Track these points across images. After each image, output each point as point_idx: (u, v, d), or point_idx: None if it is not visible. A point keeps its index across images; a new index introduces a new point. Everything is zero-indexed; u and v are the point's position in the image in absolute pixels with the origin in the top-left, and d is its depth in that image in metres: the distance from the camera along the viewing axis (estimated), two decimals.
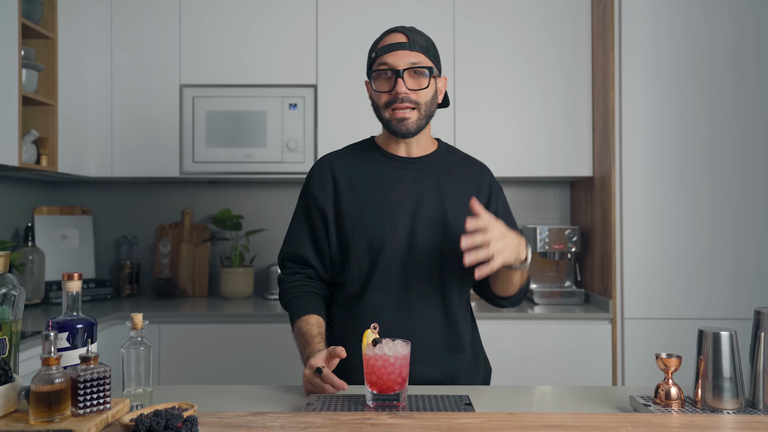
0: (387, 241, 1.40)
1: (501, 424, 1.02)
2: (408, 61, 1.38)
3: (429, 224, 1.42)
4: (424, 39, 1.43)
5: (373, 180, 1.45)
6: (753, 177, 2.43)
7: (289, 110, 2.73)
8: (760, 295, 2.40)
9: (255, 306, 2.68)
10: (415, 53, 1.39)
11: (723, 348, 1.12)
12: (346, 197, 1.45)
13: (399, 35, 1.41)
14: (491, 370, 1.57)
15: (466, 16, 2.73)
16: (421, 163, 1.47)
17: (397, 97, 1.38)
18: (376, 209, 1.42)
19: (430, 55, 1.42)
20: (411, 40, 1.40)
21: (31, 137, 2.41)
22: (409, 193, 1.44)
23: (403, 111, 1.39)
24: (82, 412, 0.99)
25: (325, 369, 1.23)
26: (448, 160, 1.50)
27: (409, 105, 1.39)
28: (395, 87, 1.38)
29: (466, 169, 1.51)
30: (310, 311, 1.44)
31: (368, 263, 1.42)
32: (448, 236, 1.42)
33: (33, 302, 2.59)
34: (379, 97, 1.42)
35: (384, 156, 1.48)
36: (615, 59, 2.48)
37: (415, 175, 1.45)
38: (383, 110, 1.42)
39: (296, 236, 1.51)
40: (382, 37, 1.44)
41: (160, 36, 2.76)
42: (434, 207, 1.43)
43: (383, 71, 1.40)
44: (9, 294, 1.09)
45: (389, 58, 1.39)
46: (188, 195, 3.12)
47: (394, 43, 1.40)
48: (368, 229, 1.42)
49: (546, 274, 2.84)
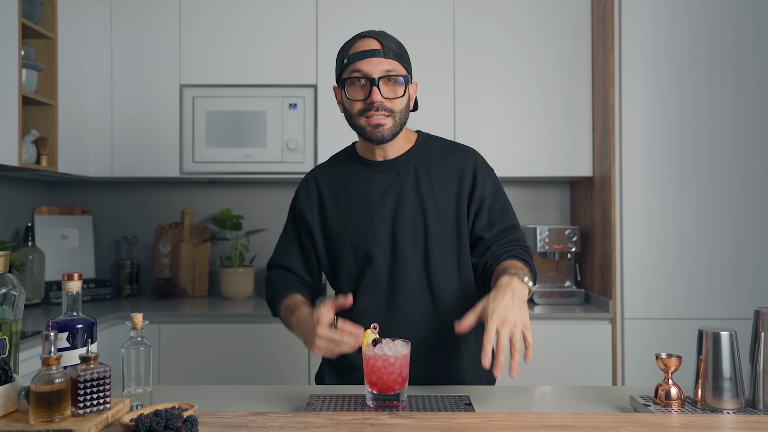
0: (371, 248, 1.41)
1: (501, 424, 1.02)
2: (383, 68, 1.35)
3: (410, 225, 1.41)
4: (396, 44, 1.40)
5: (353, 189, 1.46)
6: (753, 177, 2.43)
7: (289, 110, 2.73)
8: (760, 295, 2.40)
9: (255, 306, 2.68)
10: (389, 60, 1.36)
11: (723, 348, 1.12)
12: (330, 209, 1.47)
13: (371, 41, 1.37)
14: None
15: (466, 16, 2.73)
16: (397, 163, 1.45)
17: (372, 105, 1.36)
18: (357, 218, 1.43)
19: (404, 62, 1.40)
20: (385, 47, 1.36)
21: (31, 137, 2.41)
22: (387, 197, 1.43)
23: (377, 117, 1.36)
24: (82, 412, 0.99)
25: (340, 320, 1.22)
26: (428, 153, 1.47)
27: (384, 113, 1.37)
28: (370, 95, 1.35)
29: (447, 158, 1.46)
30: (294, 291, 1.45)
31: (356, 271, 1.44)
32: (431, 234, 1.40)
33: (33, 302, 2.59)
34: (352, 105, 1.39)
35: (362, 163, 1.48)
36: (615, 59, 2.48)
37: (393, 177, 1.44)
38: (356, 118, 1.39)
39: (285, 247, 1.54)
40: (353, 43, 1.40)
41: (160, 36, 2.76)
42: (414, 207, 1.41)
43: (356, 78, 1.37)
44: (9, 294, 1.09)
45: (363, 65, 1.35)
46: (188, 195, 3.12)
47: (367, 50, 1.36)
48: (352, 239, 1.43)
49: (546, 274, 2.84)
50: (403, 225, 1.41)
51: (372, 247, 1.41)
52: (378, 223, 1.42)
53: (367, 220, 1.42)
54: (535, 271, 1.44)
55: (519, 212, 3.02)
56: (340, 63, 1.42)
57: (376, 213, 1.42)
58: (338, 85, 1.44)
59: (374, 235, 1.41)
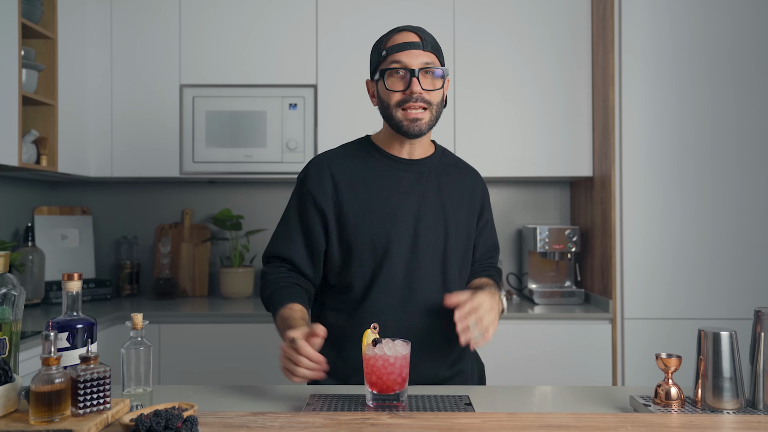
0: (391, 244, 1.39)
1: (501, 424, 1.02)
2: (422, 60, 1.37)
3: (432, 227, 1.42)
4: (433, 39, 1.42)
5: (374, 181, 1.42)
6: (753, 177, 2.43)
7: (289, 110, 2.73)
8: (760, 295, 2.40)
9: (255, 306, 2.68)
10: (428, 53, 1.38)
11: (723, 348, 1.12)
12: (347, 198, 1.41)
13: (410, 34, 1.39)
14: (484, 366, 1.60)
15: (466, 15, 2.73)
16: (421, 165, 1.46)
17: (411, 96, 1.36)
18: (379, 211, 1.40)
19: (440, 56, 1.42)
20: (424, 40, 1.38)
21: (31, 137, 2.41)
22: (411, 195, 1.42)
23: (416, 111, 1.37)
24: (82, 412, 0.99)
25: (300, 340, 1.14)
26: (445, 163, 1.51)
27: (422, 105, 1.37)
28: (410, 86, 1.36)
29: (461, 173, 1.52)
30: (293, 300, 1.36)
31: (372, 266, 1.39)
32: (450, 238, 1.43)
33: (33, 302, 2.59)
34: (390, 96, 1.38)
35: (384, 157, 1.45)
36: (615, 59, 2.48)
37: (416, 177, 1.44)
38: (394, 109, 1.39)
39: (287, 236, 1.45)
40: (391, 36, 1.41)
41: (160, 36, 2.76)
42: (436, 210, 1.43)
43: (395, 69, 1.37)
44: (9, 294, 1.09)
45: (403, 56, 1.36)
46: (188, 195, 3.12)
47: (407, 42, 1.37)
48: (372, 232, 1.39)
49: (546, 274, 2.84)
50: (426, 225, 1.42)
51: (393, 241, 1.39)
52: (400, 220, 1.40)
53: (389, 215, 1.40)
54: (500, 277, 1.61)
55: (519, 212, 3.02)
56: (377, 55, 1.42)
57: (399, 209, 1.41)
58: (373, 78, 1.44)
59: (396, 231, 1.39)
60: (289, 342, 1.16)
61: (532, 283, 2.84)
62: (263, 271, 1.47)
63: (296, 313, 1.32)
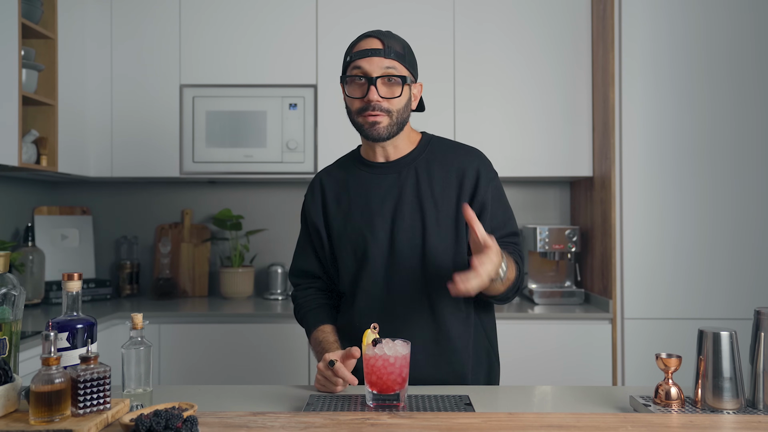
0: (369, 248, 1.43)
1: (501, 424, 1.02)
2: (382, 67, 1.37)
3: (409, 227, 1.42)
4: (400, 45, 1.42)
5: (354, 190, 1.48)
6: (753, 177, 2.43)
7: (289, 110, 2.73)
8: (760, 295, 2.40)
9: (255, 306, 2.68)
10: (389, 60, 1.38)
11: (723, 348, 1.12)
12: (332, 210, 1.50)
13: (374, 41, 1.40)
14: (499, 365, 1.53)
15: (466, 16, 2.73)
16: (399, 165, 1.47)
17: (369, 104, 1.38)
18: (357, 218, 1.46)
19: (406, 63, 1.41)
20: (386, 47, 1.39)
21: (31, 137, 2.41)
22: (388, 197, 1.45)
23: (374, 116, 1.39)
24: (82, 412, 0.99)
25: (337, 363, 1.26)
26: (431, 153, 1.47)
27: (381, 112, 1.39)
28: (368, 94, 1.38)
29: (450, 159, 1.46)
30: (324, 321, 1.51)
31: (354, 270, 1.46)
32: (429, 236, 1.41)
33: (33, 302, 2.59)
34: (351, 103, 1.42)
35: (364, 165, 1.51)
36: (615, 59, 2.48)
37: (394, 179, 1.46)
38: (356, 115, 1.42)
39: (301, 253, 1.59)
40: (358, 41, 1.43)
41: (160, 36, 2.76)
42: (413, 208, 1.43)
43: (356, 77, 1.40)
44: (9, 294, 1.09)
45: (363, 63, 1.38)
46: (188, 195, 3.12)
47: (368, 49, 1.39)
48: (351, 238, 1.46)
49: (546, 274, 2.84)
50: (402, 226, 1.42)
51: (370, 246, 1.43)
52: (377, 224, 1.44)
53: (366, 220, 1.45)
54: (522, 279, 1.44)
55: (519, 212, 3.02)
56: (345, 61, 1.45)
57: (376, 213, 1.44)
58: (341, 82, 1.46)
59: (373, 234, 1.43)
60: (326, 363, 1.28)
61: (532, 283, 2.84)
62: (293, 295, 1.61)
63: (329, 336, 1.46)
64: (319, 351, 1.45)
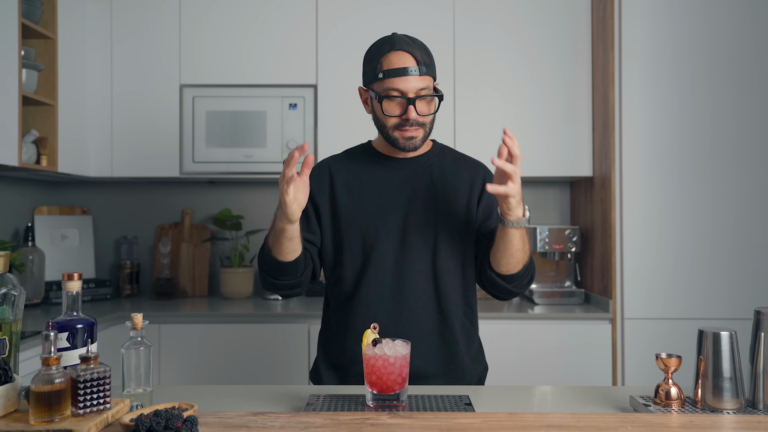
0: (380, 238, 1.44)
1: (501, 424, 1.02)
2: (418, 87, 1.38)
3: (422, 221, 1.45)
4: (427, 55, 1.42)
5: (368, 180, 1.49)
6: (753, 177, 2.43)
7: (289, 110, 2.73)
8: (760, 295, 2.40)
9: (255, 306, 2.68)
10: (423, 78, 1.39)
11: (723, 348, 1.12)
12: (342, 196, 1.48)
13: (407, 57, 1.39)
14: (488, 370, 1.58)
15: (466, 16, 2.73)
16: (414, 162, 1.50)
17: (408, 121, 1.40)
18: (369, 207, 1.46)
19: (434, 74, 1.43)
20: (420, 63, 1.38)
21: (31, 137, 2.41)
22: (402, 191, 1.47)
23: (411, 131, 1.41)
24: (82, 412, 0.99)
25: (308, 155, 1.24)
26: (443, 159, 1.53)
27: (417, 126, 1.41)
28: (407, 113, 1.39)
29: (459, 167, 1.52)
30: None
31: (361, 259, 1.45)
32: (441, 233, 1.45)
33: (33, 302, 2.59)
34: (387, 120, 1.42)
35: (380, 158, 1.52)
36: (615, 59, 2.48)
37: (408, 174, 1.49)
38: (391, 131, 1.43)
39: None
40: (385, 53, 1.40)
41: (160, 36, 2.76)
42: (427, 204, 1.46)
43: (393, 97, 1.39)
44: (9, 294, 1.09)
45: (400, 84, 1.38)
46: (188, 195, 3.12)
47: (403, 68, 1.38)
48: (362, 226, 1.45)
49: (546, 274, 2.84)
50: (415, 220, 1.45)
51: (382, 236, 1.44)
52: (390, 214, 1.45)
53: (379, 209, 1.46)
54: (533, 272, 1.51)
55: None
56: (372, 72, 1.42)
57: (389, 204, 1.46)
58: (367, 88, 1.45)
59: (385, 225, 1.45)
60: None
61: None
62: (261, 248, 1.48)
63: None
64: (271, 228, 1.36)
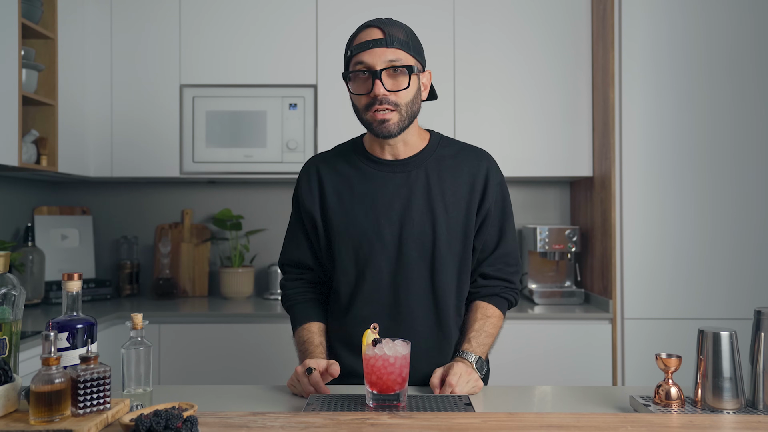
0: (374, 253, 1.36)
1: (501, 424, 1.02)
2: (385, 59, 1.28)
3: (418, 232, 1.36)
4: (403, 32, 1.33)
5: (359, 187, 1.39)
6: (753, 177, 2.43)
7: (289, 110, 2.73)
8: (760, 295, 2.40)
9: (255, 306, 2.68)
10: (393, 50, 1.29)
11: (723, 348, 1.12)
12: (332, 204, 1.40)
13: (375, 30, 1.31)
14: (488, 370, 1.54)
15: (466, 16, 2.73)
16: (408, 164, 1.39)
17: (376, 98, 1.29)
18: (362, 219, 1.37)
19: (411, 50, 1.32)
20: (388, 36, 1.29)
21: (31, 137, 2.41)
22: (396, 200, 1.37)
23: (383, 113, 1.30)
24: (82, 412, 0.99)
25: (315, 372, 1.23)
26: (441, 155, 1.41)
27: (389, 107, 1.30)
28: (373, 89, 1.29)
29: (460, 161, 1.41)
30: (311, 318, 1.43)
31: (355, 275, 1.39)
32: (439, 242, 1.36)
33: (33, 302, 2.59)
34: (357, 100, 1.34)
35: (369, 160, 1.41)
36: (615, 59, 2.48)
37: (402, 179, 1.38)
38: (363, 113, 1.34)
39: (293, 240, 1.48)
40: (357, 33, 1.34)
41: (160, 36, 2.76)
42: (423, 212, 1.36)
43: (360, 72, 1.31)
44: (9, 294, 1.09)
45: (365, 56, 1.29)
46: (188, 195, 3.12)
47: (369, 40, 1.29)
48: (354, 240, 1.37)
49: (546, 274, 2.84)
50: (412, 231, 1.36)
51: (376, 250, 1.36)
52: (384, 227, 1.36)
53: (372, 222, 1.36)
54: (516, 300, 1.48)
55: (519, 212, 3.02)
56: (345, 55, 1.36)
57: (382, 216, 1.36)
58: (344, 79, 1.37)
59: (380, 238, 1.36)
60: (305, 369, 1.24)
61: (532, 283, 2.84)
62: (281, 283, 1.52)
63: (315, 337, 1.39)
64: (301, 351, 1.38)
